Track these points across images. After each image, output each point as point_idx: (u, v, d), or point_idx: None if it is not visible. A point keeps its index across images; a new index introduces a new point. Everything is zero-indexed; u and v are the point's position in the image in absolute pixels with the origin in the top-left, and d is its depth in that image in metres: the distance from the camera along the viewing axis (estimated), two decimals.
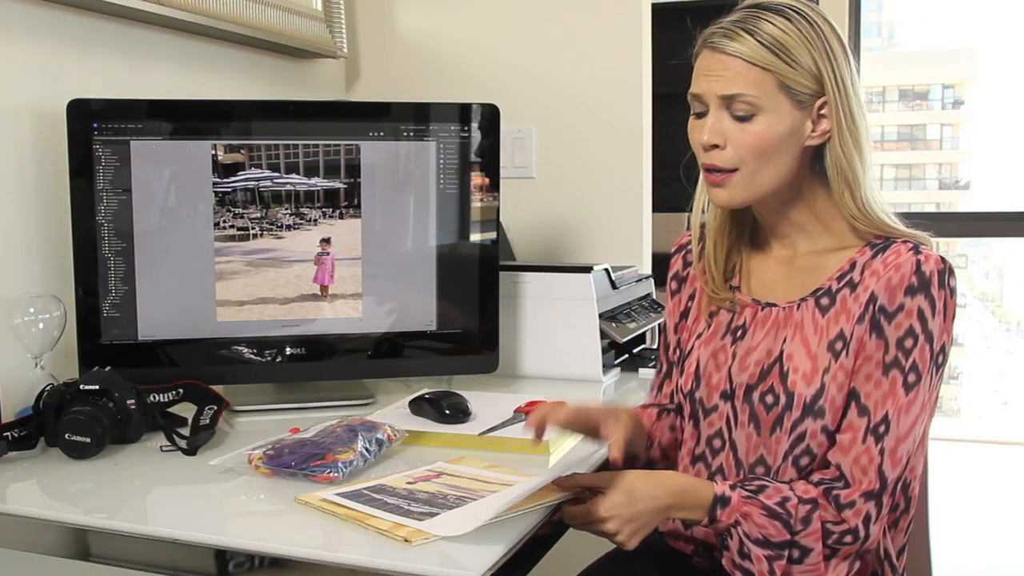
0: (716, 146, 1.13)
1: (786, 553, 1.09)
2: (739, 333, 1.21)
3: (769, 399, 1.16)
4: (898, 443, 1.10)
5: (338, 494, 1.13)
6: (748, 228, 1.26)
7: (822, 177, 1.16)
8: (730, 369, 1.20)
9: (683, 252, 1.35)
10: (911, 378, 1.10)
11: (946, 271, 1.09)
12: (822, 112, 1.12)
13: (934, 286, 1.09)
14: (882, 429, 1.10)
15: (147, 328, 1.51)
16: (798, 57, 1.09)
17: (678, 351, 1.32)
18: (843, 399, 1.12)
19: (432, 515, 1.06)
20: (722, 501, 1.10)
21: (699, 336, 1.26)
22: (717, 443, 1.21)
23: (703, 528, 1.16)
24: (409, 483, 1.18)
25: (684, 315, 1.32)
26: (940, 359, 1.12)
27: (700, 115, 1.15)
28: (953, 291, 1.10)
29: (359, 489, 1.16)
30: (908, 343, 1.09)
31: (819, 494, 1.10)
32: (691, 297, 1.31)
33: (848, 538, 1.10)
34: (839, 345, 1.13)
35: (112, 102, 1.48)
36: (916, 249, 1.11)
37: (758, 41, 1.09)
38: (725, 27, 1.11)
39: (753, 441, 1.18)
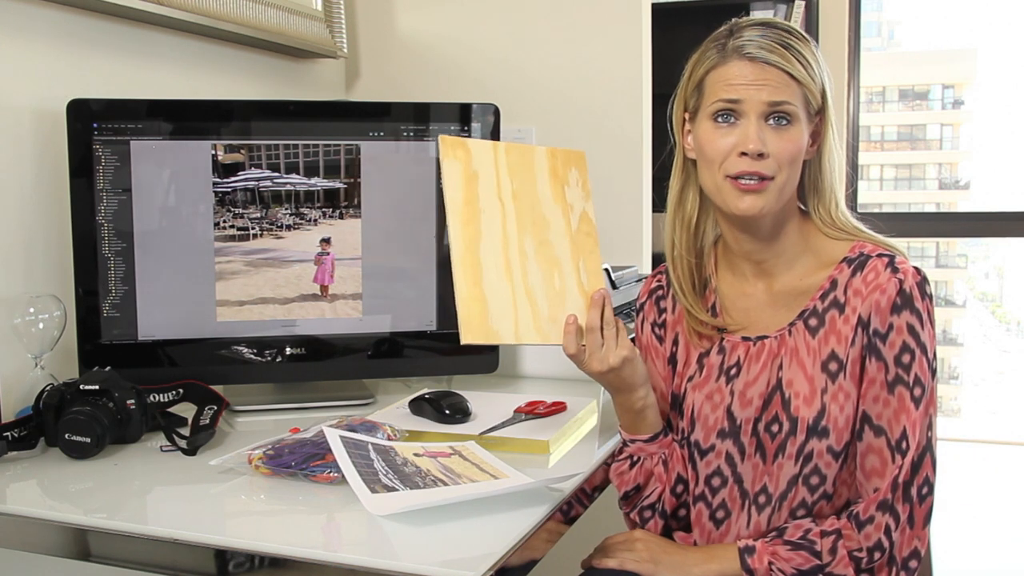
0: (761, 154, 1.13)
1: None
2: (732, 372, 1.22)
3: (775, 427, 1.18)
4: (917, 451, 1.12)
5: (347, 428, 1.25)
6: (710, 262, 1.28)
7: (797, 195, 1.22)
8: (729, 408, 1.21)
9: (654, 298, 1.34)
10: (917, 391, 1.12)
11: (923, 282, 1.13)
12: (816, 129, 1.18)
13: (917, 300, 1.12)
14: (904, 445, 1.12)
15: (147, 328, 1.51)
16: (814, 74, 1.15)
17: (666, 397, 1.32)
18: (846, 420, 1.14)
19: (392, 489, 1.10)
20: (748, 551, 1.15)
21: (690, 379, 1.26)
22: (716, 481, 1.23)
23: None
24: (416, 454, 1.23)
25: (671, 361, 1.31)
26: (935, 364, 1.15)
27: (727, 124, 1.15)
28: (932, 298, 1.14)
29: (365, 440, 1.22)
30: (906, 359, 1.12)
31: (843, 524, 1.14)
32: (675, 343, 1.30)
33: (876, 555, 1.12)
34: (833, 366, 1.15)
35: (112, 102, 1.48)
36: (892, 265, 1.14)
37: (792, 55, 1.13)
38: (757, 41, 1.13)
39: (759, 470, 1.20)
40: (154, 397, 1.41)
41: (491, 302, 1.15)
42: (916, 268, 1.14)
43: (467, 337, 1.14)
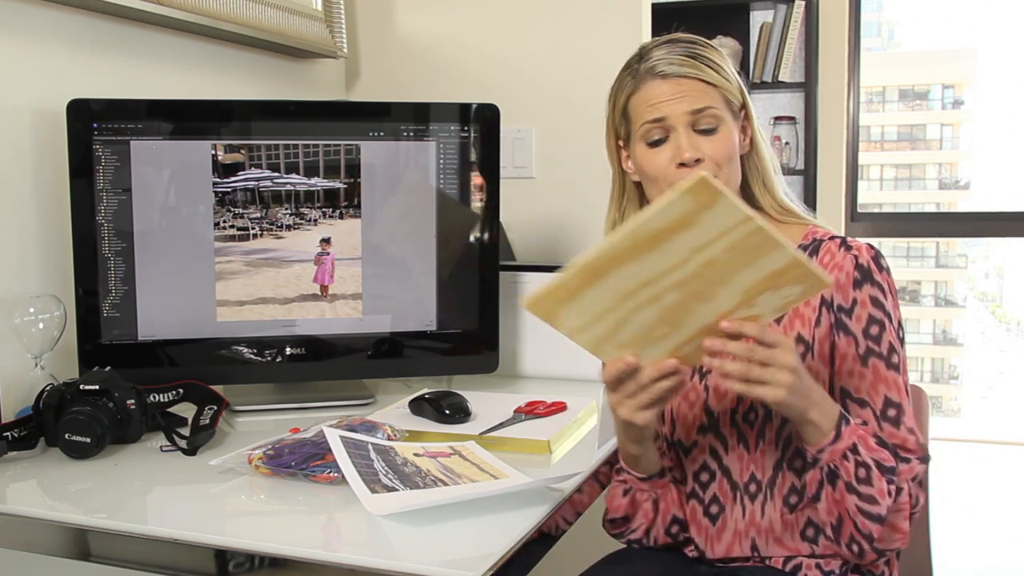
0: (698, 160, 1.17)
1: (894, 481, 1.10)
2: (705, 369, 1.23)
3: (751, 416, 1.20)
4: (910, 418, 1.15)
5: (347, 428, 1.23)
6: None
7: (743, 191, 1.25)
8: (706, 403, 1.23)
9: None
10: (894, 359, 1.15)
11: (878, 255, 1.17)
12: (744, 125, 1.23)
13: (875, 272, 1.16)
14: (892, 412, 1.14)
15: (147, 328, 1.51)
16: (728, 74, 1.20)
17: None
18: None
19: (392, 489, 1.10)
20: (845, 419, 1.10)
21: None
22: (704, 477, 1.24)
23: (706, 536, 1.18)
24: (416, 454, 1.23)
25: None
26: (901, 333, 1.18)
27: (659, 142, 1.19)
28: (889, 270, 1.18)
29: (365, 440, 1.22)
30: (874, 330, 1.15)
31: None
32: None
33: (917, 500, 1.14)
34: (801, 348, 1.18)
35: (112, 102, 1.48)
36: (845, 245, 1.18)
37: (702, 63, 1.18)
38: (665, 59, 1.18)
39: (745, 460, 1.21)
40: (154, 397, 1.41)
41: (578, 301, 1.02)
42: (869, 244, 1.18)
43: (528, 304, 1.03)
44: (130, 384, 1.34)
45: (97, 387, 1.31)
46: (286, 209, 1.56)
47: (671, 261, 0.99)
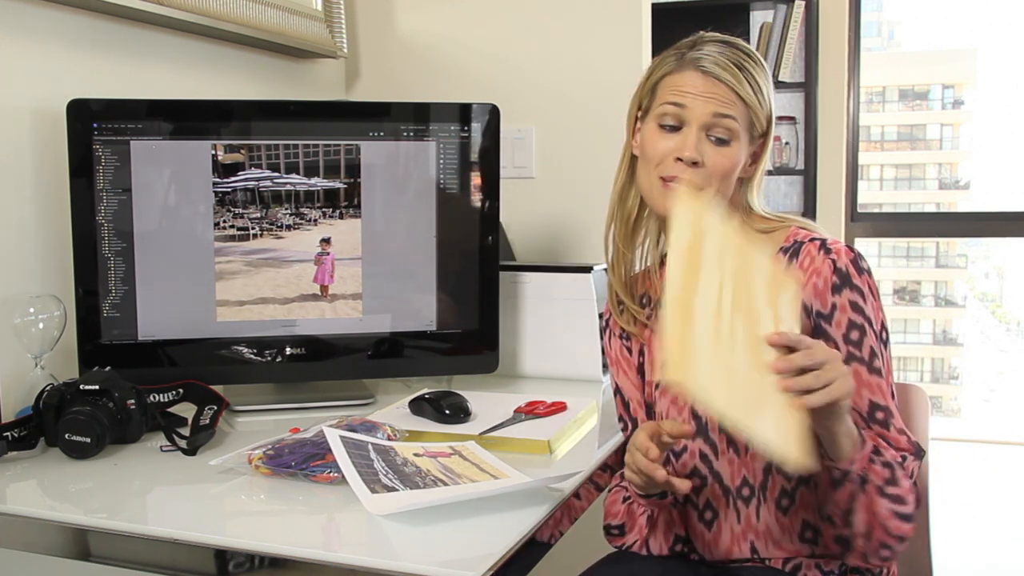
0: (696, 163, 1.16)
1: (910, 477, 1.10)
2: None
3: None
4: (899, 420, 1.14)
5: (347, 428, 1.24)
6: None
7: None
8: (692, 408, 1.22)
9: (620, 309, 1.33)
10: (876, 363, 1.14)
11: (857, 258, 1.16)
12: (757, 151, 1.21)
13: (854, 276, 1.14)
14: (880, 415, 1.13)
15: (147, 328, 1.51)
16: (764, 98, 1.19)
17: (643, 405, 1.32)
18: None
19: (392, 489, 1.10)
20: (861, 436, 1.08)
21: (657, 387, 1.27)
22: (696, 481, 1.23)
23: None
24: (416, 454, 1.23)
25: (640, 371, 1.31)
26: (884, 335, 1.17)
27: (672, 128, 1.18)
28: (870, 271, 1.16)
29: (365, 440, 1.22)
30: (854, 335, 1.14)
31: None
32: (641, 352, 1.31)
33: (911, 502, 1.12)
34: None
35: (112, 102, 1.48)
36: (825, 247, 1.16)
37: (745, 77, 1.17)
38: (714, 56, 1.17)
39: (736, 464, 1.21)
40: (154, 397, 1.41)
41: (695, 350, 0.97)
42: (849, 247, 1.17)
43: (670, 372, 0.95)
44: (130, 384, 1.34)
45: (97, 387, 1.31)
46: (286, 209, 1.56)
47: (716, 275, 1.00)
